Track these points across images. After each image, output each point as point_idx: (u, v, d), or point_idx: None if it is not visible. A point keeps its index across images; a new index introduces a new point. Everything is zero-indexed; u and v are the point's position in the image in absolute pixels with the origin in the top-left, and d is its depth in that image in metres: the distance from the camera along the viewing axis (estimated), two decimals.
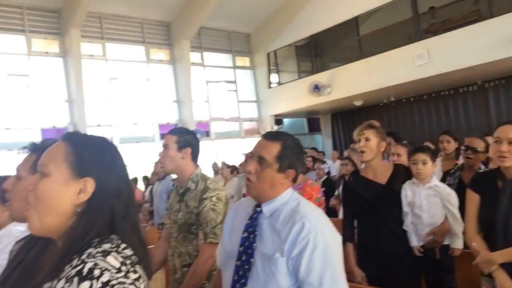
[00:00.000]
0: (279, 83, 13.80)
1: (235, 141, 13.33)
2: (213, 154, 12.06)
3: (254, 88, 14.04)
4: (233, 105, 13.53)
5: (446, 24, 10.01)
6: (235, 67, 13.70)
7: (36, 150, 1.43)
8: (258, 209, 1.66)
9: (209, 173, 10.34)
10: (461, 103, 11.62)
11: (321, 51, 13.41)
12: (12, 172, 1.52)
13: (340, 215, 5.24)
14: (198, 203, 2.32)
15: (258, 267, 1.56)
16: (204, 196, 2.33)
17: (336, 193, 5.36)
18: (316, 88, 11.46)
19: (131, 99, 11.22)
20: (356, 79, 10.74)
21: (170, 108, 11.99)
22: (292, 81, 13.13)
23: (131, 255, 0.99)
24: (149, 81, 11.61)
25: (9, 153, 9.24)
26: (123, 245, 0.99)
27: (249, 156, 3.77)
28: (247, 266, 1.59)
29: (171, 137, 2.44)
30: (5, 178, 2.15)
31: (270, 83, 13.82)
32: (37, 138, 8.99)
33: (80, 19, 9.85)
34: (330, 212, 4.91)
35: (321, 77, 11.69)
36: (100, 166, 1.04)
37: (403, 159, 3.12)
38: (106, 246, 0.96)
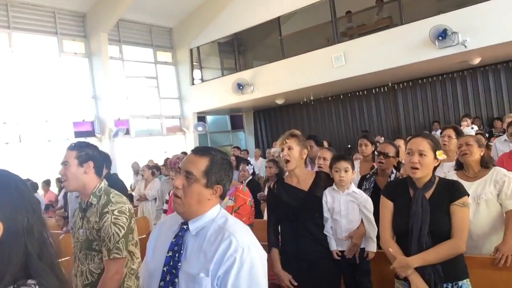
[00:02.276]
0: (202, 80, 13.67)
1: (156, 139, 12.96)
2: (134, 153, 11.63)
3: (176, 85, 13.74)
4: (154, 102, 13.12)
5: (361, 28, 10.60)
6: (156, 62, 13.28)
7: None
8: (185, 226, 1.62)
9: (130, 173, 9.98)
10: (373, 102, 12.47)
11: (244, 49, 13.51)
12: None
13: (265, 216, 5.32)
14: (99, 218, 2.25)
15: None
16: (105, 210, 2.26)
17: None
18: (240, 86, 11.52)
19: (41, 94, 10.37)
20: (278, 78, 10.98)
21: (86, 104, 11.29)
22: (216, 78, 13.07)
23: None
24: (62, 75, 10.82)
25: None
26: None
27: (173, 161, 3.66)
28: (171, 287, 1.54)
29: (70, 153, 2.35)
30: None
31: (193, 79, 13.63)
32: None
33: None
34: (258, 213, 4.95)
35: (244, 75, 11.78)
36: (5, 206, 0.95)
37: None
38: None
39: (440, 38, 8.23)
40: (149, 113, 12.89)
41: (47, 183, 9.01)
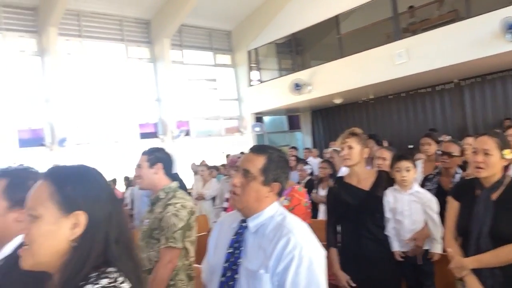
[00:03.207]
0: (260, 81, 13.80)
1: (215, 140, 13.27)
2: (193, 153, 11.98)
3: (235, 86, 13.99)
4: (213, 103, 13.46)
5: (424, 23, 10.17)
6: (215, 65, 13.62)
7: (6, 175, 1.43)
8: (244, 224, 1.66)
9: (190, 173, 10.27)
10: (438, 100, 11.87)
11: (302, 49, 13.46)
12: None
13: (320, 216, 5.27)
14: (163, 209, 2.48)
15: (243, 284, 1.56)
16: (169, 202, 2.49)
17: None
18: (297, 86, 11.51)
19: (110, 98, 11.02)
20: (336, 77, 10.82)
21: (150, 107, 11.84)
22: (273, 79, 13.13)
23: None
24: (128, 79, 11.42)
25: None
26: (120, 279, 0.99)
27: (233, 160, 3.76)
28: (231, 283, 1.59)
29: (143, 157, 2.64)
30: None
31: (250, 81, 13.80)
32: (14, 139, 8.76)
33: (58, 17, 9.61)
34: (315, 214, 4.93)
35: (301, 75, 11.73)
36: (87, 198, 1.04)
37: (389, 163, 3.17)
38: (104, 282, 0.96)
39: (511, 30, 7.70)
40: (208, 115, 13.23)
41: (114, 181, 9.52)
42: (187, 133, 12.13)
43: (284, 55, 13.76)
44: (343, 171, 3.63)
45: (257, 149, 1.70)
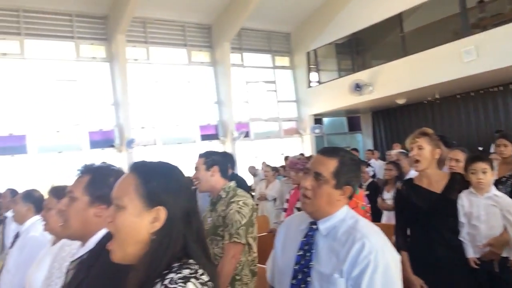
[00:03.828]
0: (319, 82, 13.68)
1: (274, 142, 13.32)
2: (253, 155, 12.13)
3: (293, 88, 13.97)
4: (272, 105, 13.52)
5: (496, 18, 9.56)
6: (274, 67, 13.69)
7: (89, 172, 1.50)
8: (314, 226, 1.65)
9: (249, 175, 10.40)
10: (511, 99, 11.09)
11: (362, 48, 13.17)
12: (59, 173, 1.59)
13: (384, 219, 5.12)
14: (226, 207, 2.61)
15: (316, 287, 1.55)
16: (232, 200, 2.62)
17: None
18: (358, 87, 11.27)
19: (173, 101, 11.46)
20: (399, 77, 10.48)
21: (210, 109, 12.14)
22: (332, 80, 12.97)
23: (208, 281, 1.02)
24: (190, 83, 11.81)
25: (59, 155, 9.68)
26: (200, 271, 1.02)
27: (293, 161, 3.75)
28: (303, 286, 1.58)
29: (200, 160, 2.76)
30: (62, 189, 2.24)
31: (309, 82, 13.72)
32: (85, 141, 9.38)
33: (126, 25, 10.14)
34: (376, 218, 4.79)
35: (362, 76, 11.49)
36: (169, 194, 1.08)
37: (462, 165, 3.00)
38: (186, 272, 0.99)
39: None
40: (267, 116, 13.31)
41: None
42: (247, 135, 12.29)
43: (343, 56, 13.55)
44: (411, 174, 3.49)
45: (328, 152, 1.68)
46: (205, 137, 11.73)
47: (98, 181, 1.47)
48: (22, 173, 9.01)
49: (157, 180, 1.09)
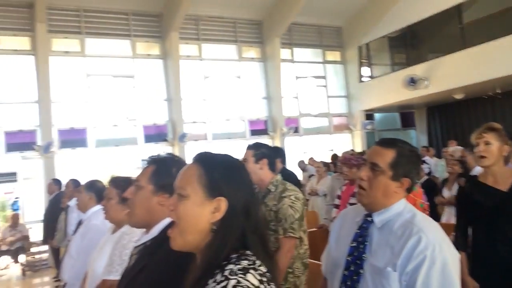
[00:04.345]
0: (371, 77, 13.36)
1: (323, 137, 13.17)
2: (302, 150, 12.07)
3: (344, 83, 13.74)
4: (322, 100, 13.37)
5: None
6: (325, 61, 13.52)
7: (154, 162, 1.58)
8: (369, 218, 1.62)
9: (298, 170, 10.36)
10: None
11: (417, 41, 12.69)
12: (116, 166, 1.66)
13: (443, 218, 4.94)
14: (277, 201, 2.61)
15: (368, 279, 1.52)
16: (284, 195, 2.62)
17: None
18: (412, 81, 10.90)
19: (223, 96, 11.64)
20: (457, 71, 10.03)
21: (260, 104, 12.20)
22: (385, 74, 12.63)
23: (266, 272, 1.03)
24: (240, 78, 11.93)
25: (116, 148, 10.13)
26: (258, 262, 1.03)
27: (346, 157, 3.70)
28: (355, 277, 1.56)
29: (249, 152, 2.75)
30: (126, 181, 2.36)
31: (361, 76, 13.43)
32: (140, 135, 9.76)
33: (179, 23, 10.41)
34: (434, 217, 4.62)
35: (417, 69, 11.11)
36: (230, 185, 1.10)
37: None
38: (244, 263, 1.01)
39: None
40: (317, 112, 13.19)
41: None
42: (296, 130, 12.25)
43: (397, 49, 13.14)
44: (476, 171, 3.32)
45: (386, 142, 1.64)
46: (254, 132, 11.82)
47: (162, 171, 1.53)
48: (83, 165, 9.52)
49: (220, 171, 1.11)
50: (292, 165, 10.53)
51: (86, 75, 9.97)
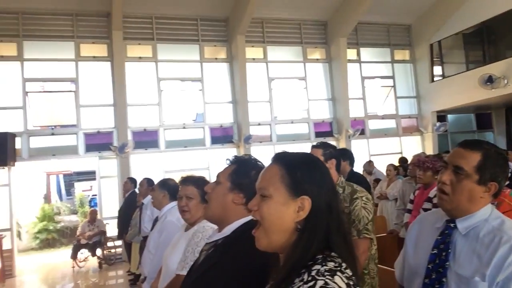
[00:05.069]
0: (443, 76, 12.69)
1: (391, 140, 12.71)
2: (368, 153, 11.75)
3: (413, 83, 13.17)
4: (390, 101, 12.92)
5: None
6: (393, 61, 13.04)
7: (236, 162, 1.65)
8: (452, 224, 1.55)
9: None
10: None
11: (495, 38, 11.87)
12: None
13: None
14: (349, 203, 2.62)
15: None
16: (355, 196, 2.64)
17: None
18: (489, 80, 10.21)
19: (288, 98, 11.64)
20: None
21: (324, 106, 12.06)
22: (459, 73, 11.93)
23: (352, 275, 1.02)
24: (305, 80, 11.87)
25: (184, 150, 10.50)
26: (344, 265, 1.03)
27: (421, 159, 3.55)
28: (438, 286, 1.51)
29: (317, 151, 2.76)
30: (205, 181, 2.48)
31: (432, 76, 12.80)
32: (207, 136, 10.05)
33: (245, 26, 10.59)
34: None
35: (494, 68, 10.42)
36: (312, 184, 1.10)
37: None
38: (331, 264, 1.01)
39: None
40: (384, 113, 12.77)
41: None
42: (362, 132, 11.94)
43: (472, 46, 12.37)
44: None
45: (470, 144, 1.56)
46: (319, 134, 11.69)
47: (241, 171, 1.59)
48: (154, 165, 9.99)
49: (301, 170, 1.11)
50: (358, 168, 10.33)
51: (157, 79, 10.45)
